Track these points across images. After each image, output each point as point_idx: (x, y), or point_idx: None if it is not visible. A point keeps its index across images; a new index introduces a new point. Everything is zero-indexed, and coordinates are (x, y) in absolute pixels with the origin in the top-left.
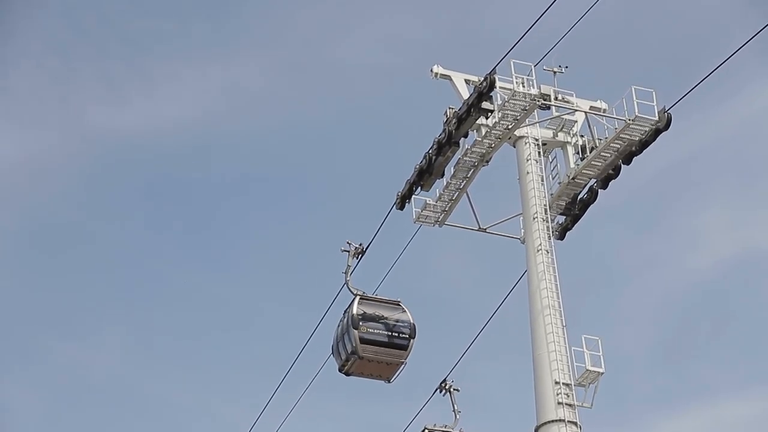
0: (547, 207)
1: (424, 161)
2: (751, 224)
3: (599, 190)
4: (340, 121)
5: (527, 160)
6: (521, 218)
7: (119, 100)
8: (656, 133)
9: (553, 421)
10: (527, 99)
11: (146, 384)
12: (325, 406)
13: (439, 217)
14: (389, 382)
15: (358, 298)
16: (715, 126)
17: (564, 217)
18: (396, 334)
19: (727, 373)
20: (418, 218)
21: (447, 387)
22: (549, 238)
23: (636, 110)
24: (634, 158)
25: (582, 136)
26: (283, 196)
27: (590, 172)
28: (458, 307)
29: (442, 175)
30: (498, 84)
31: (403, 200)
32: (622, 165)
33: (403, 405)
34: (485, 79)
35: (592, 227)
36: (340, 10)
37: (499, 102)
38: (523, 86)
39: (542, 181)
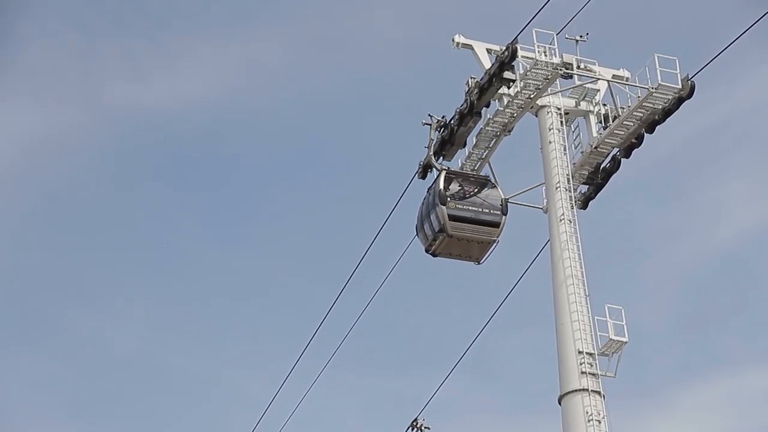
0: (570, 176)
1: (446, 131)
2: None
3: (622, 159)
4: (361, 95)
5: (549, 130)
6: (544, 188)
7: (139, 76)
8: (679, 101)
9: (576, 390)
10: (549, 68)
11: (169, 356)
12: (344, 377)
13: None
14: (479, 263)
15: (444, 173)
16: (738, 97)
17: (587, 186)
18: (487, 210)
19: (749, 344)
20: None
21: (418, 426)
22: (572, 207)
23: (659, 78)
24: (657, 127)
25: (605, 104)
26: (303, 170)
27: (613, 141)
28: (480, 277)
29: (464, 145)
30: (520, 53)
31: (425, 169)
32: (645, 134)
33: (423, 376)
34: (507, 48)
35: (615, 197)
36: None
37: (521, 71)
38: (545, 55)
39: (565, 150)
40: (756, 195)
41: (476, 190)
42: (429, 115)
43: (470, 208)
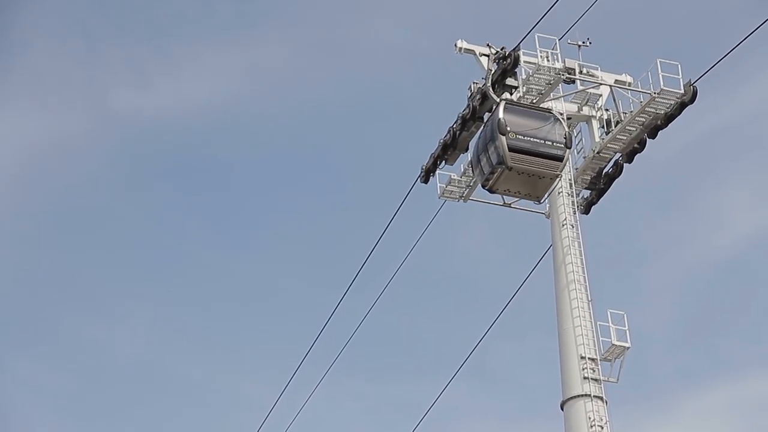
0: (572, 181)
1: (448, 136)
2: None
3: (624, 164)
4: (364, 100)
5: None
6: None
7: (143, 82)
8: (682, 106)
9: (579, 396)
10: (552, 73)
11: (171, 363)
12: (346, 383)
13: (463, 192)
14: (539, 202)
15: (503, 102)
16: (740, 103)
17: (589, 191)
18: (549, 143)
19: (751, 349)
20: (443, 193)
21: None
22: (574, 212)
23: (661, 83)
24: (660, 132)
25: (607, 110)
26: (305, 174)
27: (615, 146)
28: (482, 283)
29: (467, 150)
30: (522, 58)
31: (427, 174)
32: (648, 139)
33: (425, 382)
34: (509, 55)
35: (617, 202)
36: None
37: (524, 76)
38: (548, 60)
39: None
40: (757, 201)
41: (538, 122)
42: (487, 45)
43: (531, 139)
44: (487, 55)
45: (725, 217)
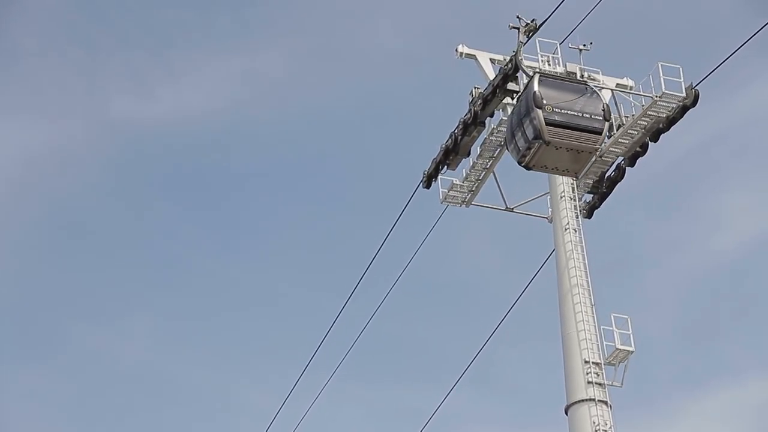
0: (575, 185)
1: (449, 140)
2: None
3: (627, 167)
4: (364, 106)
5: None
6: (548, 197)
7: (143, 90)
8: (684, 110)
9: (583, 400)
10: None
11: (173, 370)
12: (349, 389)
13: (465, 197)
14: (577, 177)
15: (537, 75)
16: (739, 106)
17: (592, 195)
18: (587, 115)
19: (753, 353)
20: (445, 198)
21: None
22: (577, 216)
23: (663, 87)
24: (662, 135)
25: None
26: (306, 181)
27: (617, 150)
28: (485, 288)
29: (468, 155)
30: (524, 63)
31: (429, 178)
32: (650, 142)
33: (428, 388)
34: (510, 60)
35: (619, 206)
36: None
37: (525, 81)
38: (549, 64)
39: None
40: (758, 205)
41: (574, 95)
42: (517, 16)
43: (569, 112)
44: (517, 28)
45: (726, 220)
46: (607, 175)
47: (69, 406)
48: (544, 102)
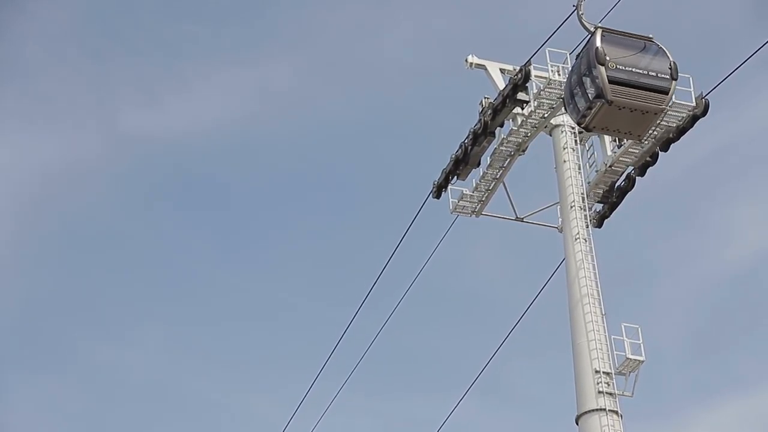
0: (585, 195)
1: (459, 151)
2: None
3: (637, 177)
4: (374, 117)
5: (564, 149)
6: (558, 207)
7: (154, 103)
8: (694, 119)
9: (594, 410)
10: (563, 87)
11: (184, 382)
12: (359, 401)
13: (475, 207)
14: (640, 140)
15: (600, 30)
16: (749, 116)
17: (602, 205)
18: (653, 74)
19: (763, 364)
20: (455, 209)
21: None
22: (587, 226)
23: (673, 96)
24: (672, 145)
25: None
26: (316, 192)
27: (627, 160)
28: (495, 298)
29: (478, 165)
30: (533, 73)
31: (439, 189)
32: (660, 152)
33: (437, 399)
34: (520, 70)
35: (629, 216)
36: (370, 9)
37: (535, 91)
38: (559, 74)
39: (579, 169)
40: (767, 216)
41: (639, 51)
42: None
43: (633, 70)
44: None
45: (737, 230)
46: (617, 185)
47: (80, 417)
48: (608, 59)
